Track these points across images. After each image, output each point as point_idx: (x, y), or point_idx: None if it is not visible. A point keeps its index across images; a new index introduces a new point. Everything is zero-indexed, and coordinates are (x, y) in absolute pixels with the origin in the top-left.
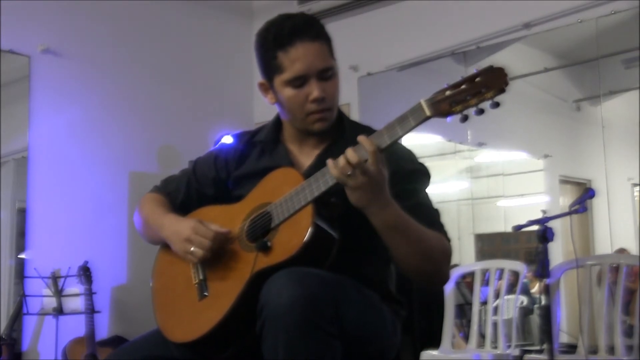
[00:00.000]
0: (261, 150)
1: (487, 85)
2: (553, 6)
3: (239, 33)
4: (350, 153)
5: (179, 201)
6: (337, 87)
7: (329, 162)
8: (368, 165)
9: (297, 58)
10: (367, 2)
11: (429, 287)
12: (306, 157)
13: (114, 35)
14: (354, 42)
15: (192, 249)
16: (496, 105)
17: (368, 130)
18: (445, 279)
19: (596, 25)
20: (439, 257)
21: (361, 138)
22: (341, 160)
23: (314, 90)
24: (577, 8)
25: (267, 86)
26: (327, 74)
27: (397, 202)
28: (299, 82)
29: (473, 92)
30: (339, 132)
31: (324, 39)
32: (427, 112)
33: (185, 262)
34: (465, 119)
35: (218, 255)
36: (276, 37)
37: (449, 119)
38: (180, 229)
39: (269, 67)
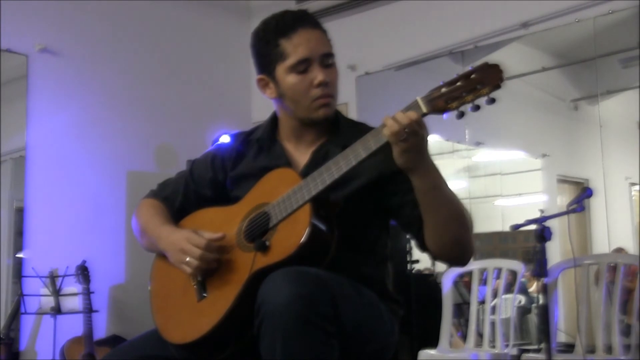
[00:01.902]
0: (258, 148)
1: (483, 82)
2: (551, 6)
3: (236, 32)
4: (400, 115)
5: (177, 204)
6: (338, 78)
7: (386, 119)
8: (419, 129)
9: (300, 43)
10: (365, 2)
11: (460, 262)
12: (302, 154)
13: (111, 34)
14: (351, 41)
15: (187, 259)
16: (492, 101)
17: (364, 128)
18: (472, 251)
19: (594, 24)
20: (470, 223)
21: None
22: (392, 124)
23: (318, 74)
24: (575, 7)
25: (267, 80)
26: (329, 60)
27: (412, 195)
28: (303, 66)
29: (469, 89)
30: (334, 129)
31: (324, 29)
32: (424, 109)
33: None
34: (461, 115)
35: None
36: (278, 27)
37: (445, 116)
38: (175, 240)
39: (271, 57)
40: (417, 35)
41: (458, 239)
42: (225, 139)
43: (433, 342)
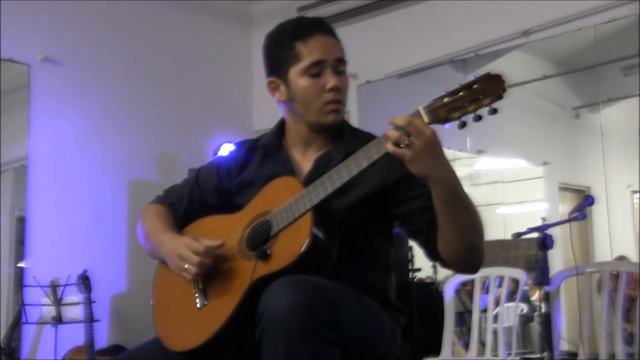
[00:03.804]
0: (264, 154)
1: (485, 92)
2: (551, 14)
3: (238, 42)
4: (397, 118)
5: (182, 210)
6: (348, 85)
7: (386, 135)
8: (423, 129)
9: (316, 47)
10: (366, 11)
11: (472, 269)
12: (307, 161)
13: (113, 43)
14: (353, 50)
15: (185, 266)
16: (494, 111)
17: (368, 136)
18: (483, 258)
19: (594, 32)
20: (483, 230)
21: (402, 119)
22: (392, 132)
23: (330, 79)
24: (576, 16)
25: (278, 82)
26: (341, 66)
27: (420, 202)
28: (316, 69)
29: (471, 99)
30: (339, 136)
31: (337, 37)
32: (426, 119)
33: None
34: (463, 125)
35: (217, 265)
36: (295, 30)
37: (447, 125)
38: (175, 247)
39: (285, 59)
40: (418, 44)
41: (473, 246)
42: (228, 147)
43: (435, 351)
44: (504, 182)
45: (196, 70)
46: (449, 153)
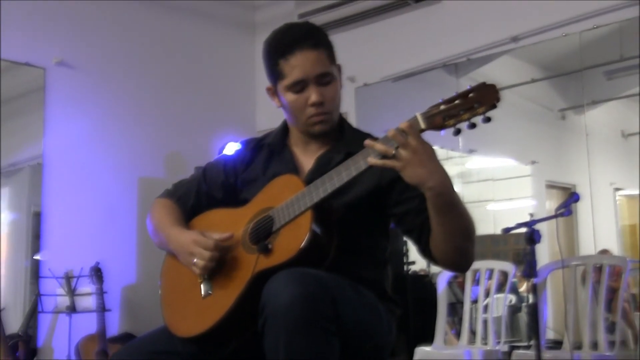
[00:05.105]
0: (269, 153)
1: (480, 101)
2: (539, 21)
3: (241, 47)
4: (391, 131)
5: (189, 204)
6: (337, 92)
7: (370, 160)
8: (409, 140)
9: (296, 65)
10: (364, 17)
11: (461, 269)
12: (309, 160)
13: (124, 49)
14: (351, 54)
15: (194, 260)
16: (487, 120)
17: (367, 136)
18: (473, 260)
19: (580, 38)
20: (474, 235)
21: (390, 131)
22: (378, 145)
23: (312, 94)
24: (562, 22)
25: (273, 91)
26: (325, 79)
27: (414, 203)
28: (298, 87)
29: (466, 107)
30: (340, 136)
31: (324, 46)
32: (422, 125)
33: None
34: (457, 132)
35: (222, 256)
36: (278, 46)
37: (442, 132)
38: (184, 242)
39: (272, 74)
40: (413, 49)
41: (462, 250)
42: (232, 146)
43: (428, 340)
44: (494, 180)
45: (202, 74)
46: (441, 152)
